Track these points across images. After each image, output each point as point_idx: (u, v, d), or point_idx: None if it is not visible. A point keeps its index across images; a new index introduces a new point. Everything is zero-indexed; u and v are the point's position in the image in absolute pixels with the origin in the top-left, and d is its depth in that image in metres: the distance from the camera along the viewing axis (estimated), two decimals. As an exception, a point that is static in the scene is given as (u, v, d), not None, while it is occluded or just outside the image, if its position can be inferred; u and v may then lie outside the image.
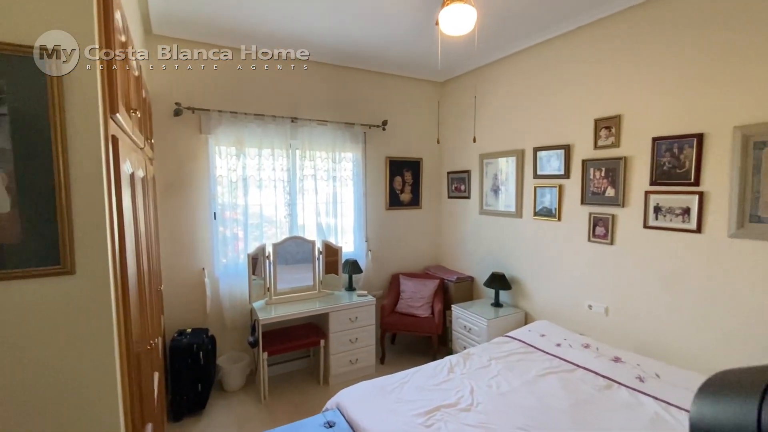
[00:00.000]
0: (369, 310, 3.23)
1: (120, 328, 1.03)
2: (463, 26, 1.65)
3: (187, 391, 2.64)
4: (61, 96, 0.87)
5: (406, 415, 1.88)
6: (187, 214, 2.95)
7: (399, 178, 3.93)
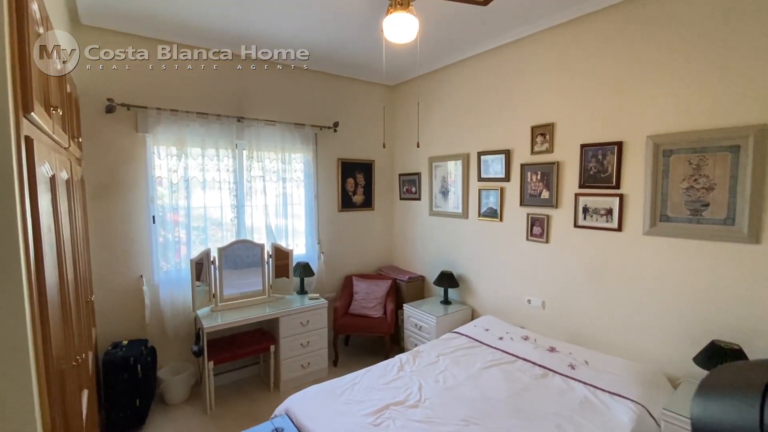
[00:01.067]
0: (321, 313, 3.21)
1: (37, 344, 0.95)
2: (407, 34, 1.71)
3: (123, 408, 2.46)
4: (-39, 93, 0.80)
5: (356, 416, 1.90)
6: (122, 218, 2.75)
7: (351, 179, 3.94)
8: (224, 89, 3.11)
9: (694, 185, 2.04)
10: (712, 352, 1.87)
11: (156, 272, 2.87)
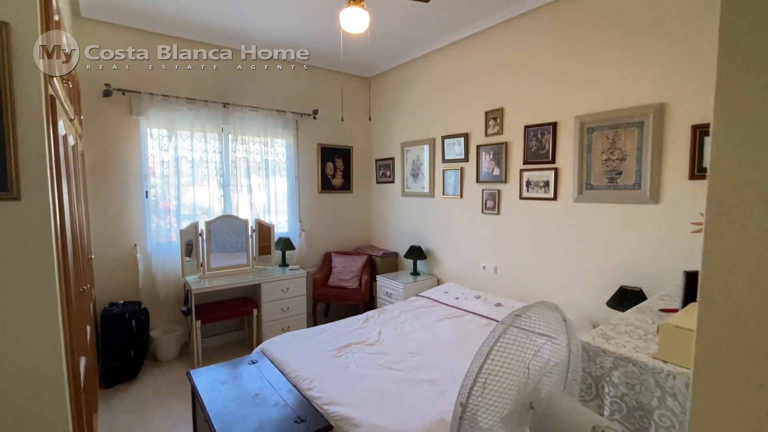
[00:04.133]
0: (300, 282, 3.54)
1: (58, 250, 1.27)
2: (359, 26, 2.05)
3: (119, 358, 2.77)
4: (9, 60, 1.11)
5: (321, 351, 2.24)
6: (117, 192, 3.05)
7: (330, 164, 4.27)
8: (211, 77, 3.42)
9: (610, 157, 2.41)
10: (620, 295, 2.24)
11: (149, 242, 3.18)
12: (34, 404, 1.21)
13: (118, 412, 2.47)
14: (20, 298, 1.17)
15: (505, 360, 0.76)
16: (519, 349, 0.78)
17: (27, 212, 1.17)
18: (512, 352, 0.77)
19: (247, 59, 3.58)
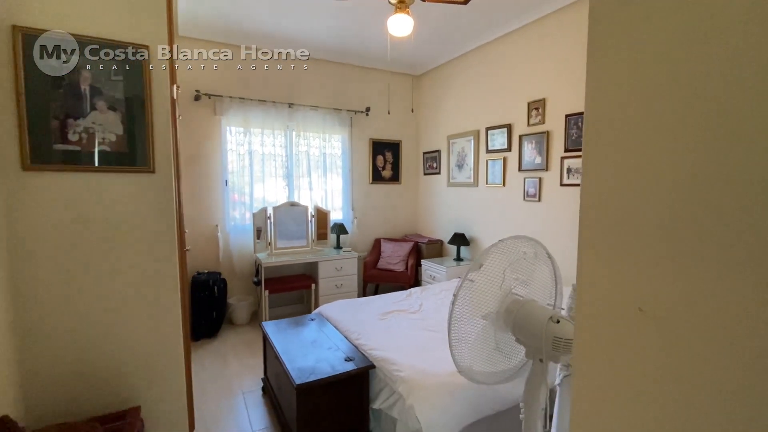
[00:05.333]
0: (352, 262, 3.92)
1: (176, 211, 1.72)
2: (404, 30, 2.34)
3: (204, 317, 3.34)
4: (148, 70, 1.57)
5: (368, 314, 2.57)
6: (203, 180, 3.65)
7: (381, 156, 4.61)
8: (279, 80, 3.91)
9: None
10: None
11: (227, 223, 3.75)
12: (165, 349, 1.67)
13: (204, 360, 3.01)
14: (153, 243, 1.63)
15: (487, 271, 1.02)
16: (496, 263, 1.03)
17: (159, 182, 1.63)
18: (492, 265, 1.02)
19: (309, 63, 4.03)
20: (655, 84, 0.54)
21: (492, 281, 1.06)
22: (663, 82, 0.54)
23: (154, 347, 1.67)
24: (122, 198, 1.57)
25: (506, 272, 1.10)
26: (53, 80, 1.43)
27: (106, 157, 1.52)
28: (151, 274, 1.64)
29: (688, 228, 0.49)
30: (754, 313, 0.44)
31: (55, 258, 1.48)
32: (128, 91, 1.53)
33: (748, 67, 0.45)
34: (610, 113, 0.59)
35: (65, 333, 1.51)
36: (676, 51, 0.53)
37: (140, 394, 1.63)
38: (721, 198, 0.46)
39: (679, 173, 0.51)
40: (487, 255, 1.09)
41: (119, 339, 1.59)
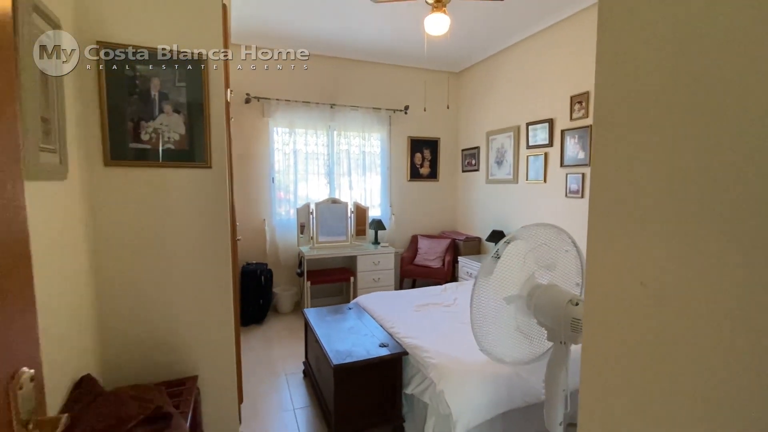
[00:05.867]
0: (389, 257, 4.02)
1: (229, 204, 1.91)
2: (442, 29, 2.38)
3: (252, 304, 3.60)
4: (207, 77, 1.75)
5: (403, 306, 2.65)
6: (252, 178, 3.92)
7: (419, 154, 4.67)
8: (321, 82, 4.10)
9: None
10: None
11: (273, 217, 4.00)
12: (219, 327, 1.86)
13: (251, 343, 3.24)
14: (210, 231, 1.82)
15: (508, 256, 1.05)
16: (517, 249, 1.06)
17: (214, 176, 1.81)
18: (513, 251, 1.06)
19: (349, 64, 4.18)
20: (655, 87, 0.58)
21: (512, 266, 1.10)
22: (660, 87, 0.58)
23: (210, 325, 1.86)
24: (183, 190, 1.77)
25: (527, 258, 1.12)
26: (129, 88, 1.65)
27: (170, 154, 1.73)
28: (208, 260, 1.83)
29: (683, 214, 0.53)
30: (735, 288, 0.48)
31: (126, 242, 1.70)
32: (190, 96, 1.73)
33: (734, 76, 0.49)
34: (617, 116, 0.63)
35: (135, 309, 1.73)
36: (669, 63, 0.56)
37: (197, 365, 1.83)
38: (712, 189, 0.50)
39: (673, 167, 0.55)
40: (508, 241, 1.13)
41: (180, 316, 1.80)
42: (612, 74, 0.66)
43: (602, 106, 0.67)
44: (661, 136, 0.56)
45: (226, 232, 1.87)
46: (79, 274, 1.54)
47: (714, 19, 0.49)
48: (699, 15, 0.51)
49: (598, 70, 0.68)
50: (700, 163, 0.51)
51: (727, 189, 0.48)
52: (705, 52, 0.50)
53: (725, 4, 0.48)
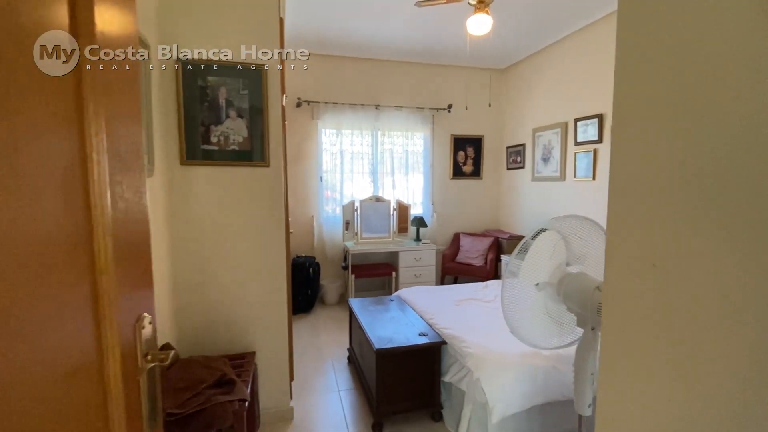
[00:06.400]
0: (430, 254, 4.10)
1: (284, 197, 2.10)
2: (484, 29, 2.42)
3: (301, 294, 3.84)
4: (266, 84, 1.96)
5: (443, 300, 2.73)
6: (302, 177, 4.18)
7: (462, 152, 4.68)
8: (368, 84, 4.26)
9: None
10: None
11: (321, 214, 4.23)
12: (274, 309, 2.06)
13: (300, 330, 3.47)
14: (268, 223, 2.03)
15: (539, 245, 1.11)
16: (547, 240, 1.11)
17: (272, 174, 2.02)
18: (542, 241, 1.11)
19: (393, 66, 4.30)
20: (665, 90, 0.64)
21: (542, 254, 1.15)
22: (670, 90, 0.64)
23: (267, 307, 2.07)
24: (245, 186, 1.99)
25: (557, 247, 1.17)
26: (201, 97, 1.89)
27: (235, 154, 1.95)
28: (266, 248, 2.04)
29: (690, 203, 0.59)
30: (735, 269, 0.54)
31: (197, 231, 1.95)
32: (251, 102, 1.94)
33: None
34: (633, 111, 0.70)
35: (204, 290, 1.98)
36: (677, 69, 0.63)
37: (255, 343, 2.05)
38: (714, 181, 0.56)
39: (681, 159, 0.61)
40: (537, 232, 1.19)
41: (242, 298, 2.02)
42: (628, 79, 0.72)
43: (620, 106, 0.73)
44: (669, 135, 0.62)
45: (282, 224, 2.08)
46: (163, 258, 1.81)
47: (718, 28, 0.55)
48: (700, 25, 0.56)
49: (617, 74, 0.74)
50: (703, 158, 0.56)
51: (725, 183, 0.54)
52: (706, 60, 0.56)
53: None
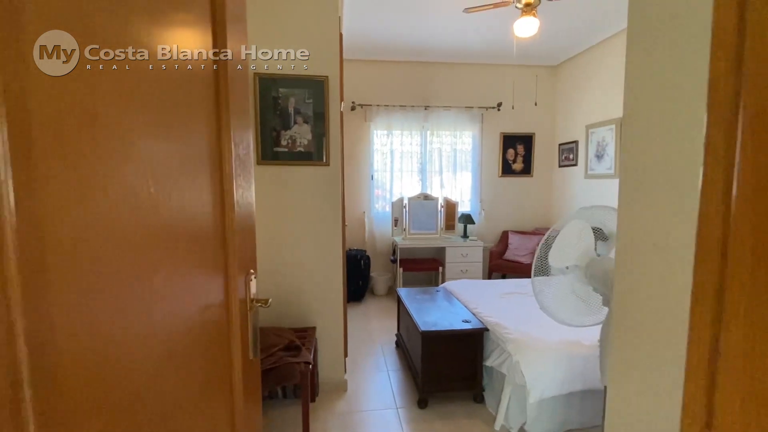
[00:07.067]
0: (477, 250, 4.19)
1: (341, 195, 2.37)
2: (531, 31, 2.51)
3: (353, 284, 4.13)
4: (327, 92, 2.23)
5: (488, 293, 2.85)
6: (355, 176, 4.47)
7: (512, 150, 4.70)
8: (416, 86, 4.45)
9: None
10: None
11: (372, 210, 4.50)
12: (332, 291, 2.34)
13: (352, 317, 3.75)
14: (328, 216, 2.30)
15: (566, 232, 1.23)
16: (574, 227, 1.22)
17: (331, 172, 2.29)
18: (571, 228, 1.23)
19: (442, 67, 4.44)
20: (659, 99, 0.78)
21: (570, 240, 1.26)
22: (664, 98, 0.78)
23: (326, 288, 2.35)
24: (309, 183, 2.28)
25: (582, 234, 1.28)
26: (273, 105, 2.21)
27: (300, 155, 2.25)
28: (326, 236, 2.32)
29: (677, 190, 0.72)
30: None
31: (270, 221, 2.27)
32: (315, 109, 2.22)
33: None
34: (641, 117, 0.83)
35: (275, 269, 2.30)
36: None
37: (316, 319, 2.34)
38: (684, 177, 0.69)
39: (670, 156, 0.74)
40: (567, 219, 1.31)
41: (306, 278, 2.32)
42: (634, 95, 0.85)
43: (630, 108, 0.86)
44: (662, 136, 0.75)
45: (339, 217, 2.34)
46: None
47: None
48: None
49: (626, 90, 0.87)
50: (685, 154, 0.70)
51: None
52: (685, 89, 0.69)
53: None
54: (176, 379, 0.64)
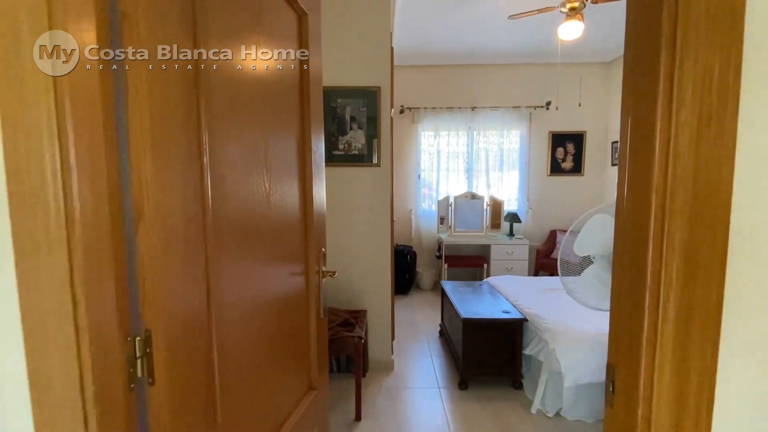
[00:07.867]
0: (523, 249, 4.24)
1: (390, 193, 2.61)
2: (576, 33, 2.57)
3: (400, 278, 4.37)
4: (379, 100, 2.48)
5: (530, 288, 2.94)
6: (403, 175, 4.70)
7: (561, 148, 4.67)
8: (463, 88, 4.58)
9: None
10: None
11: (419, 208, 4.71)
12: (382, 280, 2.60)
13: (398, 309, 3.99)
14: (379, 212, 2.56)
15: (589, 226, 1.36)
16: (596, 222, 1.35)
17: (382, 173, 2.54)
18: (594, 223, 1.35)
19: (488, 69, 4.54)
20: None
21: (594, 232, 1.39)
22: None
23: (376, 276, 2.61)
24: (362, 182, 2.55)
25: (605, 225, 1.39)
26: (332, 114, 2.51)
27: (355, 157, 2.53)
28: (377, 229, 2.58)
29: None
30: None
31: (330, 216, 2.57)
32: (368, 115, 2.49)
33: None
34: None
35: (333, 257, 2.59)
36: None
37: (367, 304, 2.61)
38: None
39: None
40: (590, 214, 1.44)
41: (359, 265, 2.60)
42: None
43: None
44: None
45: (388, 213, 2.59)
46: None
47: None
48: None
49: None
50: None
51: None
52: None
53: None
54: (281, 323, 0.92)
